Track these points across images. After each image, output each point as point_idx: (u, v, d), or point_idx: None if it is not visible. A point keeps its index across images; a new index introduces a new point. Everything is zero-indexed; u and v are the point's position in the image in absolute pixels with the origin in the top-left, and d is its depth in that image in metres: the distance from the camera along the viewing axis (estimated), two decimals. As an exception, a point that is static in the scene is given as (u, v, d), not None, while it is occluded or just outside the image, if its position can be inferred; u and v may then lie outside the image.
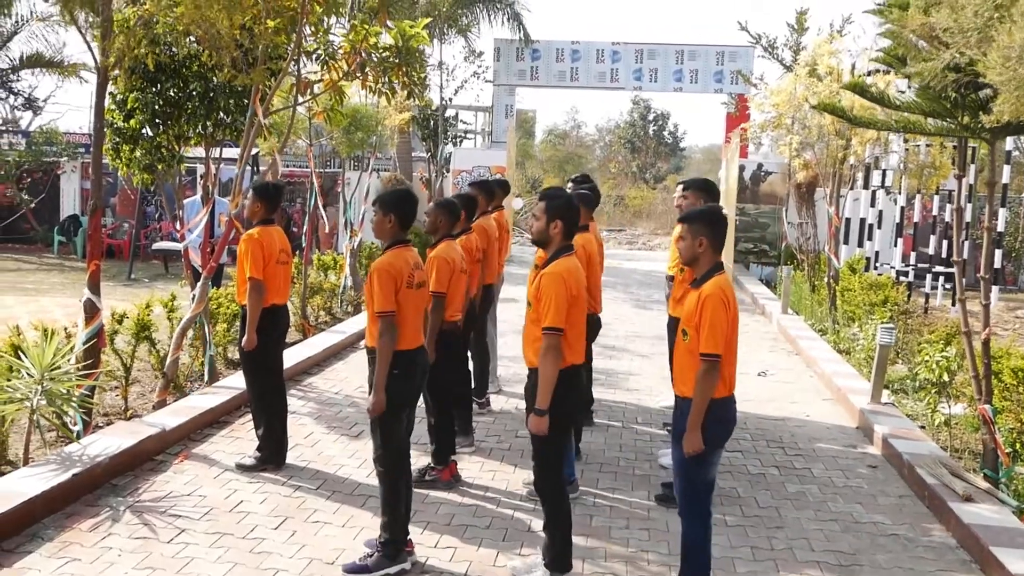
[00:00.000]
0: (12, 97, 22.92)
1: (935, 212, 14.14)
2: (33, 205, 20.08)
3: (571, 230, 4.67)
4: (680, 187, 7.73)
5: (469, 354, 7.25)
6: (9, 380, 5.97)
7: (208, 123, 7.93)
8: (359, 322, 11.31)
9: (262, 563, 4.76)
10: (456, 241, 6.37)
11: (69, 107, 41.81)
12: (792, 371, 10.06)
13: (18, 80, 22.36)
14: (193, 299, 7.74)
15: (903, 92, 10.07)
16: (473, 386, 7.30)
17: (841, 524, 5.67)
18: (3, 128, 22.25)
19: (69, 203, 20.22)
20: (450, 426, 6.22)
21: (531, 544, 5.13)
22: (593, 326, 6.26)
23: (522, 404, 7.98)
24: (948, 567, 5.12)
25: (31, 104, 23.01)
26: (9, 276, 15.78)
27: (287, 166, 18.78)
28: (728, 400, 4.35)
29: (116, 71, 6.71)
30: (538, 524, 5.41)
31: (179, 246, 10.04)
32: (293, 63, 7.37)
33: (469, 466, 6.40)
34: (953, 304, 12.69)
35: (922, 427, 7.47)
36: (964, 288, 6.65)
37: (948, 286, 14.62)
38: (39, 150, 20.08)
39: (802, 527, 5.59)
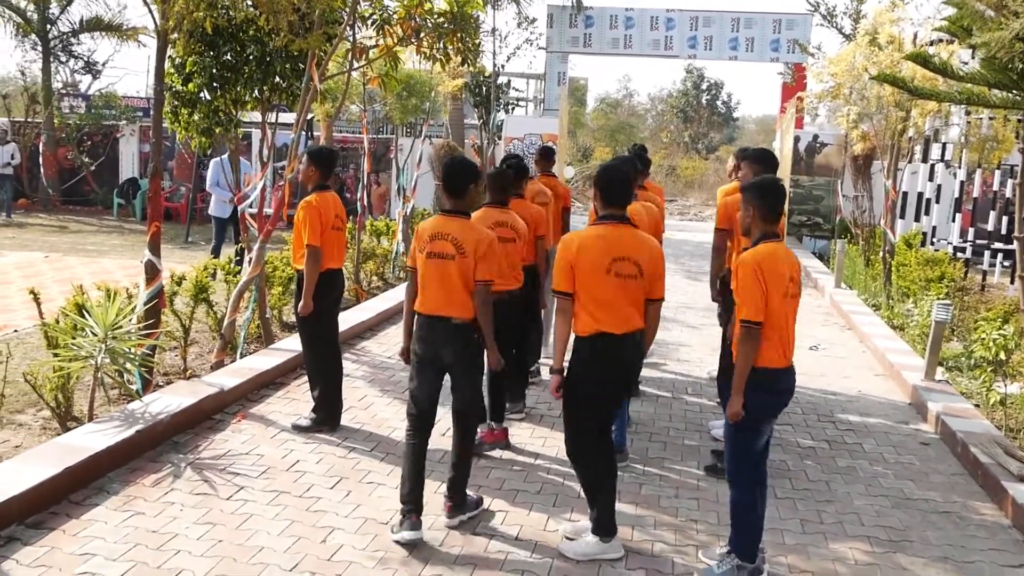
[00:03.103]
0: (72, 61, 23.32)
1: (996, 187, 13.80)
2: (93, 168, 20.50)
3: (609, 198, 4.63)
4: (732, 157, 7.66)
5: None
6: (74, 338, 6.15)
7: (264, 87, 8.00)
8: (410, 288, 11.40)
9: (318, 521, 4.89)
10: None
11: (127, 71, 42.46)
12: (844, 346, 9.97)
13: (78, 44, 22.74)
14: (249, 262, 7.88)
15: (966, 63, 9.84)
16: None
17: (891, 500, 5.64)
18: (64, 92, 22.68)
19: (128, 166, 20.61)
20: (500, 388, 6.27)
21: (581, 510, 5.18)
22: None
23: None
24: (1000, 546, 5.08)
25: (90, 68, 23.38)
26: (70, 237, 16.16)
27: (339, 132, 18.92)
28: (778, 372, 4.34)
29: (175, 35, 6.80)
30: (587, 491, 5.49)
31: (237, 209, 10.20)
32: (348, 28, 7.42)
33: (519, 432, 6.47)
34: (1012, 282, 12.45)
35: (976, 406, 7.37)
36: (1025, 265, 6.52)
37: (1007, 263, 14.31)
38: (99, 113, 20.49)
39: (852, 502, 5.58)
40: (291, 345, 7.98)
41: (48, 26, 20.84)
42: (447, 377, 5.06)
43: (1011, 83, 5.91)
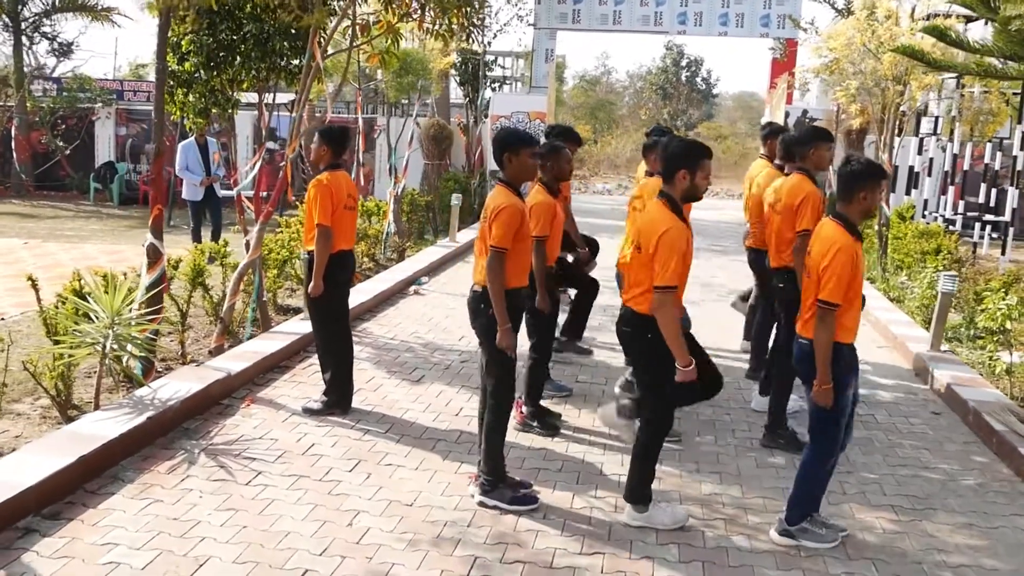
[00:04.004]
0: (46, 42, 22.83)
1: (987, 160, 13.86)
2: (68, 152, 20.10)
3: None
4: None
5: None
6: (77, 324, 6.00)
7: (263, 66, 7.83)
8: (405, 268, 11.31)
9: (341, 505, 4.80)
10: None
11: (93, 53, 41.50)
12: (843, 319, 9.96)
13: (50, 25, 22.25)
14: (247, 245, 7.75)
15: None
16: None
17: (910, 469, 5.65)
18: (35, 74, 22.21)
19: (104, 150, 20.23)
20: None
21: (604, 487, 5.16)
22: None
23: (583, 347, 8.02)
24: (1022, 511, 5.11)
25: (63, 50, 22.87)
26: (48, 223, 15.88)
27: (319, 112, 18.66)
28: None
29: (182, 11, 6.63)
30: (609, 467, 5.45)
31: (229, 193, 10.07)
32: (351, 3, 7.27)
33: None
34: (1003, 253, 12.54)
35: (980, 375, 7.40)
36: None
37: (995, 235, 14.42)
38: (72, 96, 20.05)
39: (872, 471, 5.59)
40: (292, 328, 7.89)
41: (19, 7, 20.37)
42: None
43: (1028, 53, 5.90)
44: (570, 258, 7.58)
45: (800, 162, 5.94)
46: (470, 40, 7.73)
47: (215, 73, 7.68)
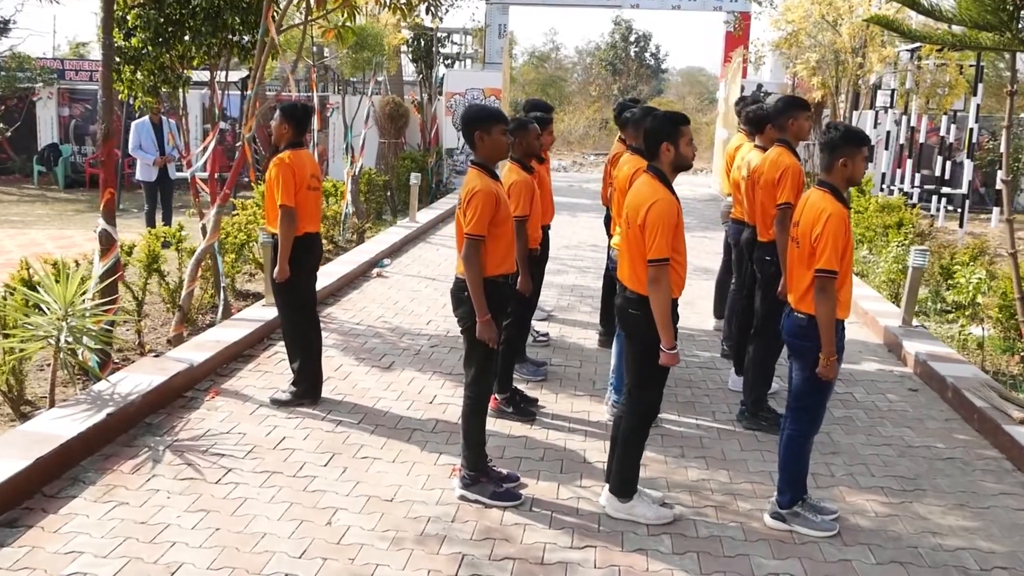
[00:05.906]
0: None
1: (942, 133, 13.94)
2: (8, 134, 19.36)
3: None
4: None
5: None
6: (27, 316, 5.68)
7: (214, 42, 7.49)
8: (366, 250, 11.04)
9: (318, 502, 4.59)
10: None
11: (31, 32, 39.96)
12: (810, 294, 9.92)
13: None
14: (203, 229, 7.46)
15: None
16: None
17: (895, 449, 5.58)
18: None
19: (47, 131, 19.52)
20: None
21: (590, 475, 5.00)
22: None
23: (557, 332, 7.87)
24: (1010, 490, 5.05)
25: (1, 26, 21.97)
26: (-10, 208, 15.30)
27: (270, 90, 18.18)
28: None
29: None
30: (592, 454, 5.31)
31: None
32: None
33: (509, 397, 6.23)
34: (961, 226, 12.64)
35: (953, 350, 7.38)
36: (1011, 210, 6.50)
37: (950, 208, 14.57)
38: (11, 76, 19.30)
39: (857, 452, 5.50)
40: (254, 315, 7.61)
41: (-50, -17, 19.54)
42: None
43: (1000, 23, 5.81)
44: None
45: (780, 134, 5.82)
46: (428, 13, 7.40)
47: (164, 49, 7.31)
